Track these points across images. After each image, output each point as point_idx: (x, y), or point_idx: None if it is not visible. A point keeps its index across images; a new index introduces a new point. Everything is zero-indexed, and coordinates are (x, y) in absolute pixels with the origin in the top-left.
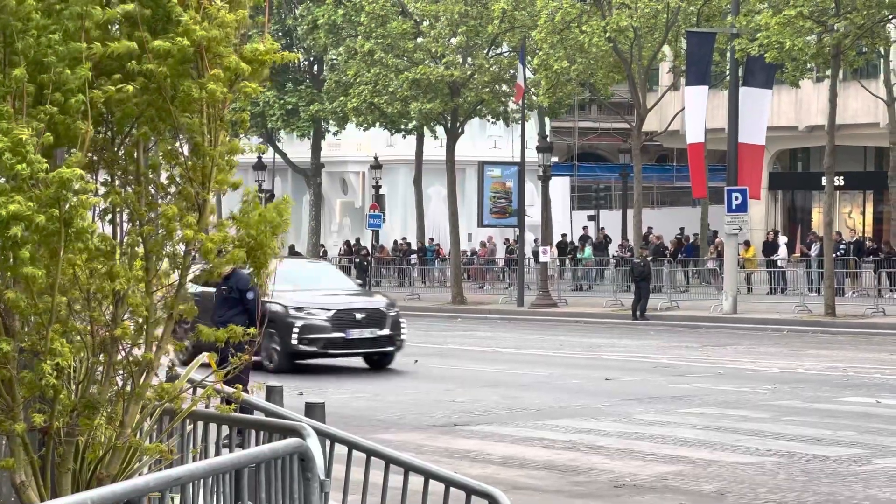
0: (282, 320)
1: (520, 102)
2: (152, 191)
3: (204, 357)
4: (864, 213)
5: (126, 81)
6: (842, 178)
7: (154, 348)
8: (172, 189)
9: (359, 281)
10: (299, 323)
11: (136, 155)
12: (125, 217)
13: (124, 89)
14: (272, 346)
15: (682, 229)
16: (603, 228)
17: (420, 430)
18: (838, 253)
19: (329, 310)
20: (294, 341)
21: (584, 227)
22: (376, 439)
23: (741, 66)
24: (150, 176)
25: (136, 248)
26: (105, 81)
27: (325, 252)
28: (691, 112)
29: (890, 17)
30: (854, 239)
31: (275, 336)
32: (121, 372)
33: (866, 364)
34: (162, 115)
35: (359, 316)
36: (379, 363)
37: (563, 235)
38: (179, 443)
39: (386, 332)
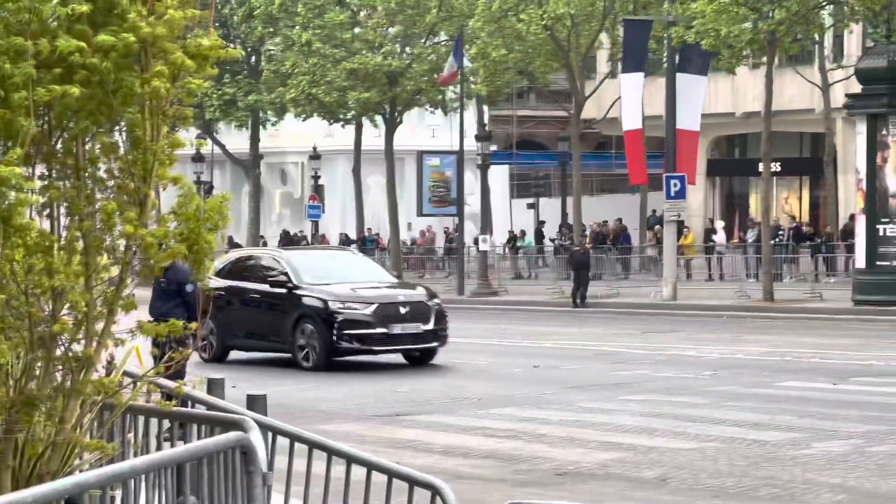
0: (321, 315)
1: (457, 90)
2: (91, 185)
3: (132, 347)
4: (800, 199)
5: (68, 74)
6: (779, 164)
7: (94, 344)
8: (111, 183)
9: (394, 272)
10: (340, 318)
11: (74, 149)
12: (63, 211)
13: (70, 91)
14: (311, 343)
15: (619, 219)
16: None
17: (362, 421)
18: (776, 239)
19: (371, 303)
20: (334, 337)
21: (542, 222)
22: (319, 430)
23: (678, 53)
24: (90, 170)
25: (76, 244)
26: (45, 74)
27: (264, 243)
28: (627, 99)
29: (824, 3)
30: (792, 225)
31: (313, 332)
32: (60, 368)
33: (805, 348)
34: (103, 109)
35: (403, 310)
36: (420, 360)
37: (522, 231)
38: (121, 438)
39: (430, 326)
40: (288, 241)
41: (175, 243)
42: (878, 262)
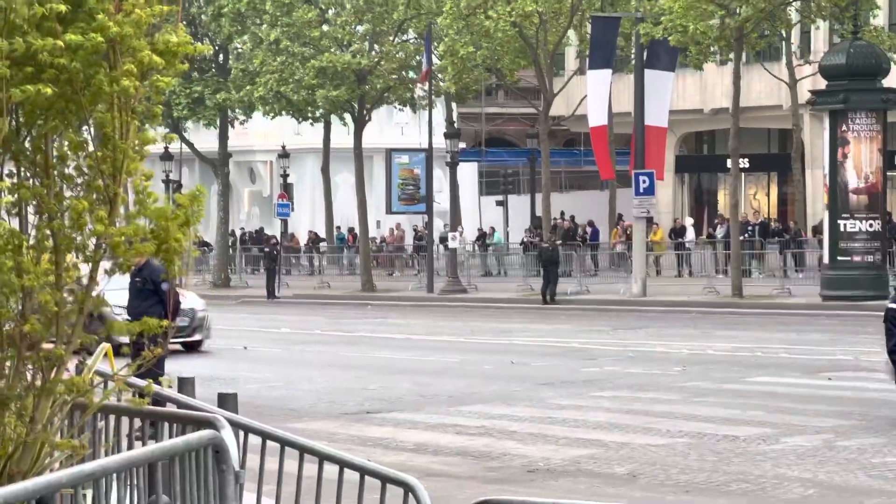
0: None
1: (426, 87)
2: (60, 183)
3: (104, 347)
4: (768, 195)
5: (37, 73)
6: (746, 160)
7: (64, 342)
8: (80, 181)
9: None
10: None
11: (44, 147)
12: (31, 210)
13: (43, 90)
14: None
15: (571, 217)
16: (564, 216)
17: (333, 419)
18: (745, 235)
19: None
20: None
21: (556, 218)
22: (289, 428)
23: (646, 49)
24: (59, 168)
25: (45, 242)
26: (16, 72)
27: (234, 241)
28: (594, 95)
29: None
30: (759, 221)
31: None
32: (30, 366)
33: (773, 344)
34: (72, 107)
35: None
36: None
37: (492, 228)
38: (92, 437)
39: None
40: (259, 240)
41: (141, 242)
42: (839, 258)
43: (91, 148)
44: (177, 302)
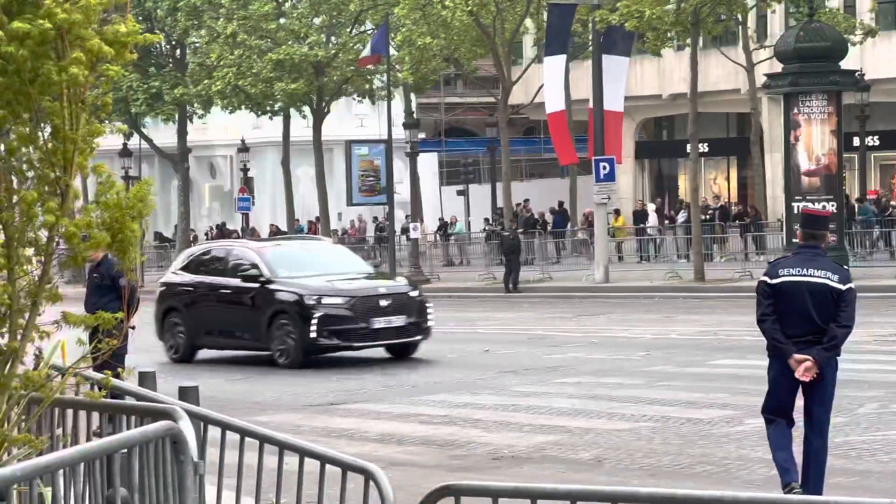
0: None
1: (381, 77)
2: (10, 176)
3: (59, 341)
4: (728, 179)
5: None
6: (706, 144)
7: (19, 337)
8: (31, 174)
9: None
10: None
11: None
12: None
13: None
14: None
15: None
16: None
17: (297, 411)
18: (705, 219)
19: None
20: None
21: (520, 204)
22: (253, 421)
23: (602, 35)
24: (9, 161)
25: None
26: None
27: (195, 237)
28: (550, 82)
29: None
30: (720, 205)
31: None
32: None
33: (736, 327)
34: (20, 98)
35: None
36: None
37: (454, 218)
38: (50, 432)
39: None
40: (221, 234)
41: (98, 232)
42: (794, 240)
43: (41, 141)
44: (136, 298)
